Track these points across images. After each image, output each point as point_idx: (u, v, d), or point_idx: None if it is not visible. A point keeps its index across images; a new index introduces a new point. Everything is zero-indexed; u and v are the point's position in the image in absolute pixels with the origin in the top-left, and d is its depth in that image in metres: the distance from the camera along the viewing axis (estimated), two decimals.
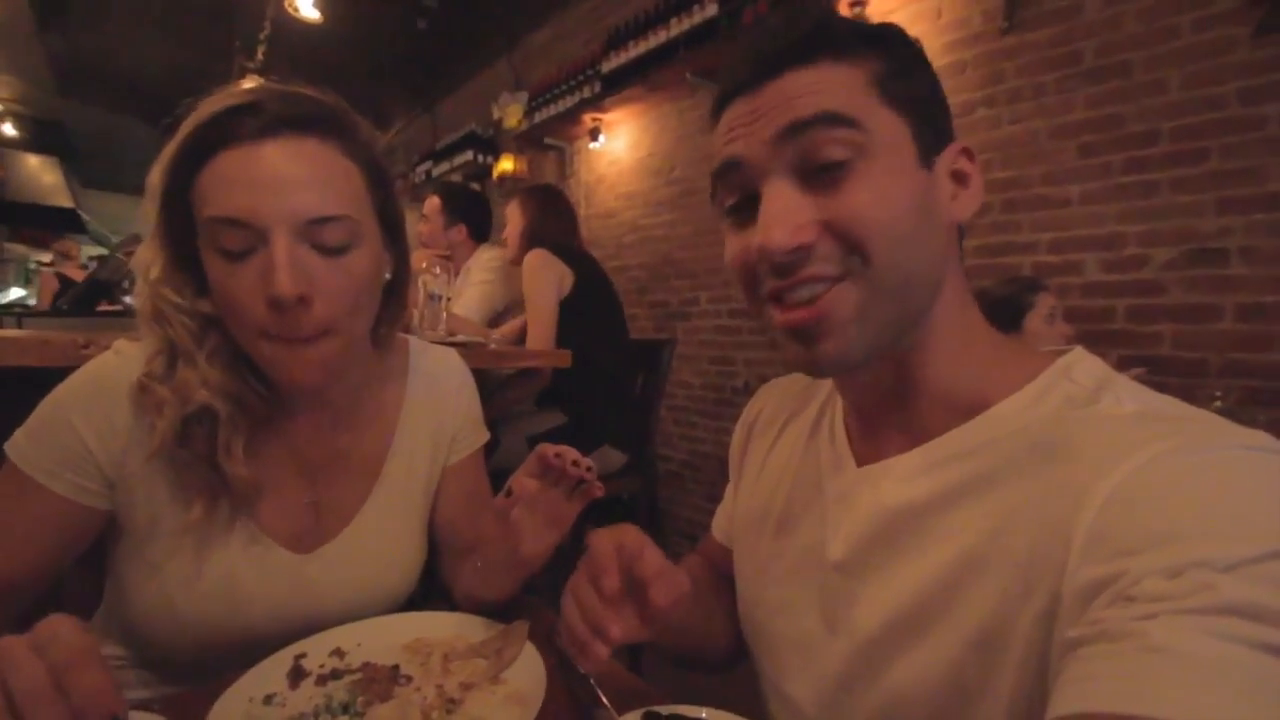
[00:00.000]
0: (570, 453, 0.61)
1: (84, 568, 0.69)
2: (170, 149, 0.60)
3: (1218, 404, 1.55)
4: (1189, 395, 1.62)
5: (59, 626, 0.39)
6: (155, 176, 0.61)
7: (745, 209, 0.49)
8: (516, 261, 2.15)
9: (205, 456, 0.63)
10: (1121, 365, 1.78)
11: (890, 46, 0.48)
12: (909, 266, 0.46)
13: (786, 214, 0.45)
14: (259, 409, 0.66)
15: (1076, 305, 1.88)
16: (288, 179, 0.58)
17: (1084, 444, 0.41)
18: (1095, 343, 1.83)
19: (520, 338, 2.13)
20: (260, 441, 0.67)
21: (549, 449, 0.61)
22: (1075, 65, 1.87)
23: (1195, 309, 1.69)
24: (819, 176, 0.45)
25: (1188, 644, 0.30)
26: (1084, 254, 1.88)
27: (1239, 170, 1.61)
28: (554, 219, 2.14)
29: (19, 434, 0.62)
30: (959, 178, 0.50)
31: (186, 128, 0.59)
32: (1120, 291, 1.82)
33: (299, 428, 0.71)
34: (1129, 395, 0.44)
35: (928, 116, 0.48)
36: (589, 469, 0.61)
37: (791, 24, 0.47)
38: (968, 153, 0.51)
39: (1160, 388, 0.43)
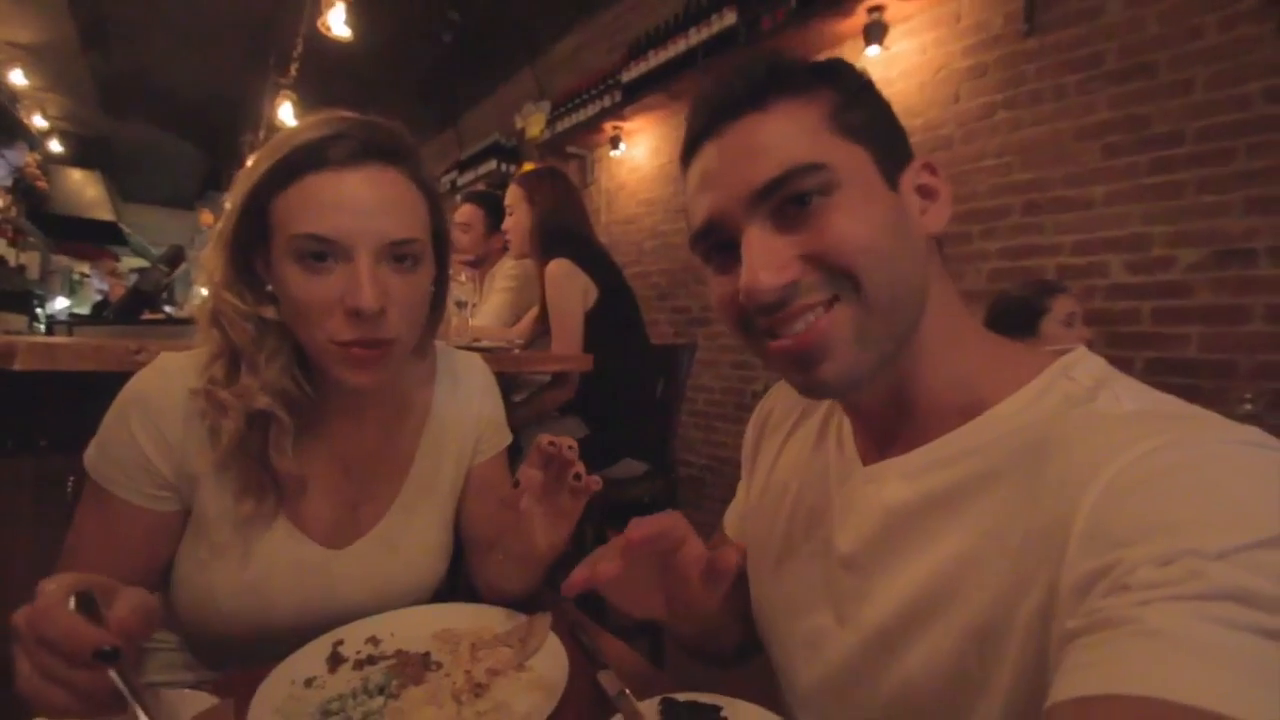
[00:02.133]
0: (565, 441, 0.63)
1: None
2: (260, 168, 0.65)
3: (1248, 407, 1.52)
4: (1218, 398, 1.61)
5: (43, 585, 0.45)
6: (239, 188, 0.66)
7: (727, 256, 0.51)
8: (524, 256, 2.11)
9: (258, 456, 0.67)
10: (1148, 368, 1.76)
11: (840, 79, 0.51)
12: (896, 283, 0.48)
13: (767, 257, 0.47)
14: (306, 411, 0.70)
15: (1101, 307, 1.87)
16: (373, 204, 0.64)
17: (1080, 442, 0.42)
18: (1121, 345, 1.81)
19: (535, 336, 2.14)
20: (304, 442, 0.72)
21: (545, 438, 0.63)
22: (1098, 66, 1.86)
23: (1223, 310, 1.66)
24: (794, 218, 0.47)
25: (1181, 627, 0.31)
26: (1108, 255, 1.86)
27: (1266, 169, 1.59)
28: (565, 207, 2.06)
29: (93, 451, 0.67)
30: (925, 192, 0.52)
31: (278, 151, 0.64)
32: (1146, 293, 1.80)
33: (338, 429, 0.75)
34: (1127, 394, 0.45)
35: (884, 141, 0.50)
36: (570, 448, 0.63)
37: (745, 70, 0.50)
38: (930, 167, 0.52)
39: (1190, 390, 0.44)
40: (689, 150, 0.53)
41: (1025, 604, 0.41)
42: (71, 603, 0.45)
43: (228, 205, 0.67)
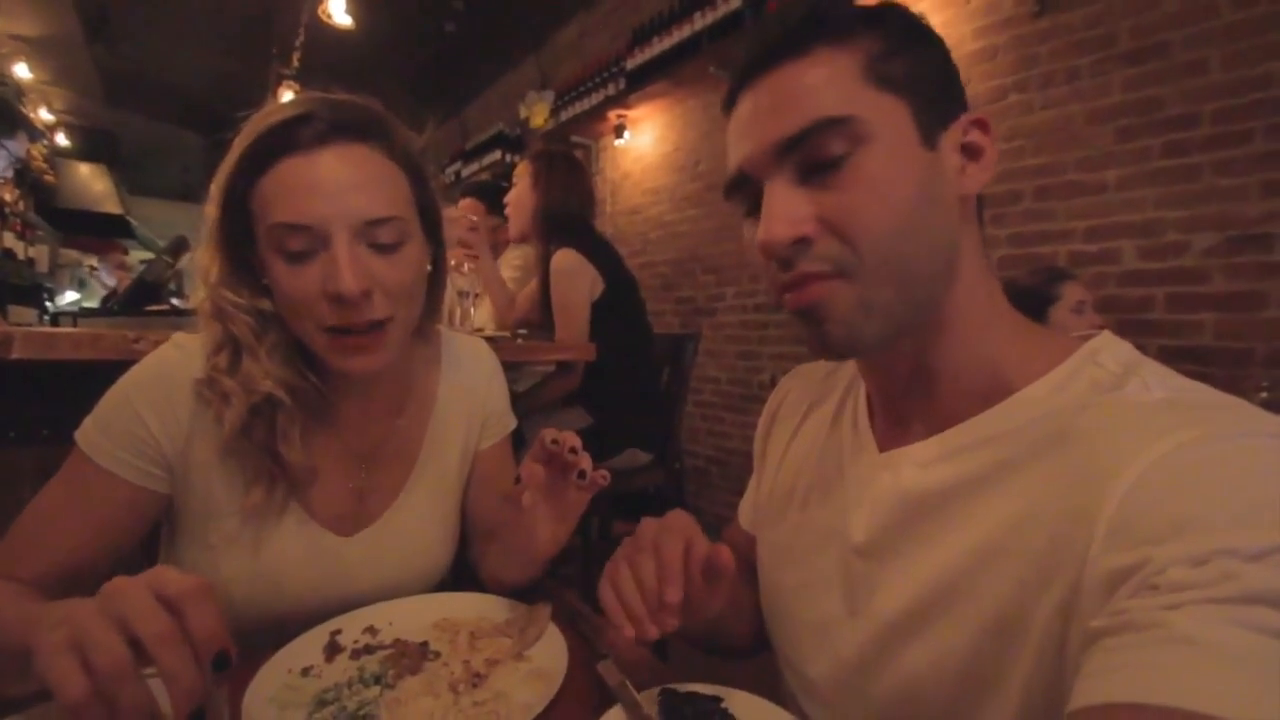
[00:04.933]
0: (569, 439, 0.61)
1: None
2: (231, 159, 0.63)
3: (1264, 395, 1.50)
4: (1234, 386, 1.57)
5: (166, 571, 0.41)
6: (217, 184, 0.64)
7: (756, 205, 0.50)
8: (523, 238, 2.09)
9: (264, 445, 0.67)
10: (1162, 355, 1.73)
11: (887, 23, 0.48)
12: (908, 256, 0.46)
13: (784, 210, 0.46)
14: (312, 399, 0.70)
15: (1114, 294, 1.84)
16: (344, 184, 0.62)
17: (1108, 432, 0.40)
18: (1134, 333, 1.79)
19: (530, 315, 2.13)
20: (311, 431, 0.71)
21: (549, 434, 0.61)
22: (1111, 47, 1.83)
23: (1239, 297, 1.63)
24: (818, 173, 0.46)
25: (1213, 634, 0.30)
26: (1122, 241, 1.83)
27: None
28: (572, 194, 2.02)
29: (88, 423, 0.65)
30: (970, 150, 0.49)
31: (246, 139, 0.63)
32: (1160, 280, 1.77)
33: (346, 417, 0.75)
34: (1157, 381, 0.43)
35: (929, 93, 0.47)
36: (573, 450, 0.61)
37: (786, 13, 0.48)
38: (981, 124, 0.49)
39: (1204, 379, 0.41)
40: (729, 100, 0.52)
41: (1045, 599, 0.40)
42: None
43: (210, 201, 0.66)
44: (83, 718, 0.36)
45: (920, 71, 0.47)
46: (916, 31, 0.50)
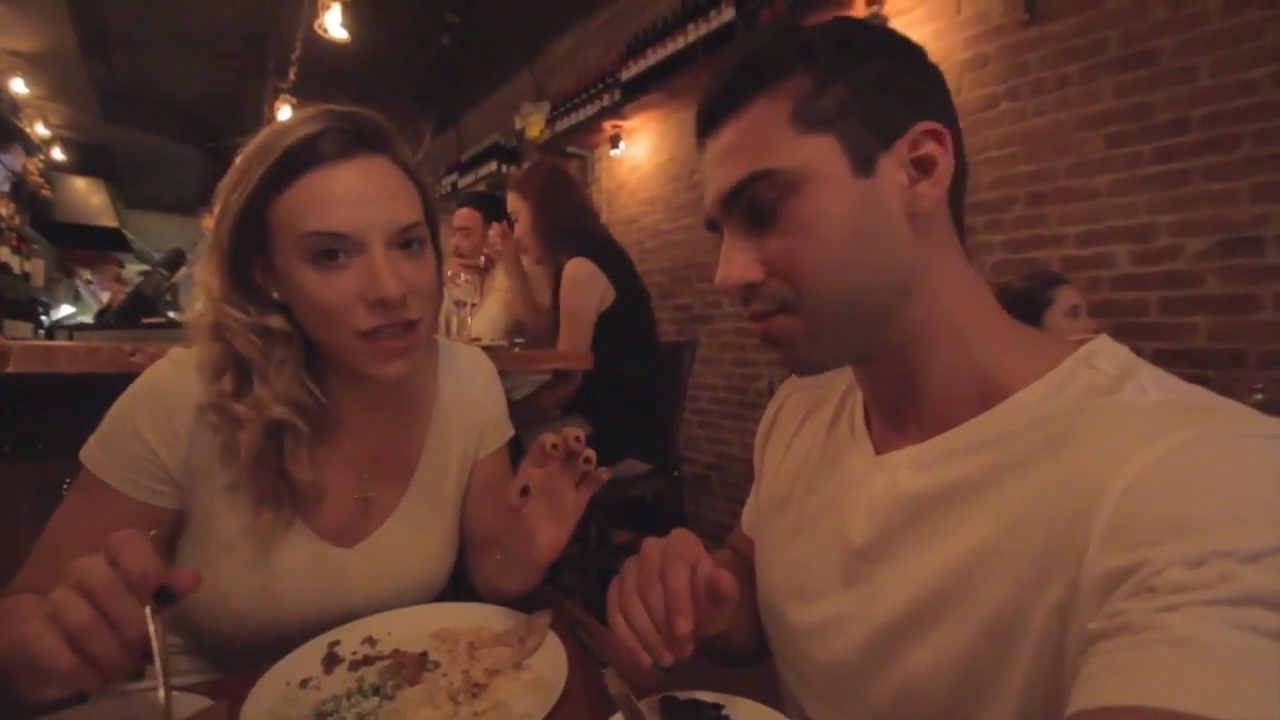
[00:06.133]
0: (572, 433, 0.63)
1: None
2: (253, 176, 0.63)
3: (1259, 397, 1.50)
4: (1227, 388, 1.57)
5: (116, 534, 0.45)
6: (233, 201, 0.64)
7: None
8: (541, 260, 2.09)
9: (273, 465, 0.66)
10: (1156, 359, 1.73)
11: (818, 53, 0.48)
12: (851, 287, 0.48)
13: (734, 257, 0.51)
14: (318, 416, 0.70)
15: (1108, 298, 1.85)
16: (372, 194, 0.64)
17: (1104, 434, 0.40)
18: (1128, 336, 1.79)
19: (533, 310, 2.12)
20: (315, 448, 0.71)
21: (548, 439, 0.63)
22: (1100, 55, 1.84)
23: (1232, 299, 1.64)
24: (760, 221, 0.50)
25: (1210, 636, 0.30)
26: (1114, 246, 1.84)
27: (1274, 156, 1.56)
28: (562, 199, 2.04)
29: (92, 443, 0.65)
30: (921, 165, 0.48)
31: (266, 156, 0.63)
32: (1153, 283, 1.78)
33: (347, 428, 0.75)
34: (1153, 384, 0.43)
35: (868, 115, 0.47)
36: (578, 439, 0.63)
37: (720, 72, 0.51)
38: (935, 134, 0.48)
39: (1199, 381, 0.42)
40: (698, 145, 0.56)
41: (1043, 601, 0.40)
42: None
43: (216, 217, 0.66)
44: (76, 682, 0.42)
45: (856, 95, 0.47)
46: (855, 49, 0.49)
